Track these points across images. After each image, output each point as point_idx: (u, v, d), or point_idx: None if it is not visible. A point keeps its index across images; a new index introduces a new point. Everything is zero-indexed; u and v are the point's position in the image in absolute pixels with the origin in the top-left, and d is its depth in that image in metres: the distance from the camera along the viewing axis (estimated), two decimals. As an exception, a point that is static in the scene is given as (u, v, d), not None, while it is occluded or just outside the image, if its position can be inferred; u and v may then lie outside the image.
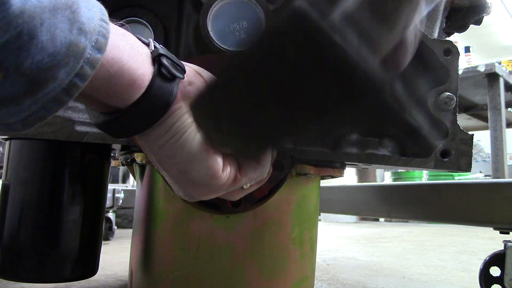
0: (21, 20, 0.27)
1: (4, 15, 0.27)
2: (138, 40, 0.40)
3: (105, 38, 0.33)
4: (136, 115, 0.39)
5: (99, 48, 0.33)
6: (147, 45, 0.41)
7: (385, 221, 4.02)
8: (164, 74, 0.39)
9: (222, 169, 0.43)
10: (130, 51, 0.37)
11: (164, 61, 0.39)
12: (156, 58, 0.39)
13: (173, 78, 0.40)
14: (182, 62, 0.43)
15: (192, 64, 0.46)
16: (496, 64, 2.88)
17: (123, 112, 0.39)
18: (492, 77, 2.88)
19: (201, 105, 0.41)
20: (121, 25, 0.39)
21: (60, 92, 0.32)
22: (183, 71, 0.42)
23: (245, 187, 0.48)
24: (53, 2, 0.29)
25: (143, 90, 0.38)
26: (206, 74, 0.47)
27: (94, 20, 0.32)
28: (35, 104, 0.31)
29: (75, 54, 0.31)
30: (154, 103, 0.39)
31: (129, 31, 0.39)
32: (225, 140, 0.42)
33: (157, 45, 0.41)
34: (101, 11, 0.34)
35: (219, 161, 0.43)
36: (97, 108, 0.40)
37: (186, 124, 0.41)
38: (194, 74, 0.44)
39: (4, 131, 0.33)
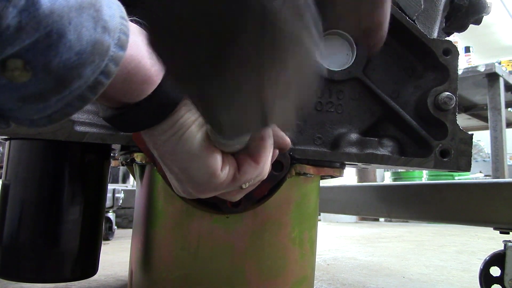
0: (51, 19, 0.28)
1: (34, 14, 0.27)
2: None
3: (126, 35, 0.34)
4: (145, 111, 0.40)
5: (122, 45, 0.33)
6: None
7: (385, 221, 4.02)
8: None
9: (221, 167, 0.43)
10: (146, 48, 0.38)
11: None
12: None
13: None
14: None
15: None
16: (496, 64, 2.88)
17: (132, 107, 0.39)
18: (492, 77, 2.88)
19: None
20: (135, 22, 0.39)
21: (86, 89, 0.32)
22: None
23: (244, 186, 0.48)
24: (79, 1, 0.29)
25: (155, 86, 0.39)
26: None
27: (115, 18, 0.33)
28: (61, 101, 0.32)
29: (100, 52, 0.32)
30: (164, 100, 0.39)
31: (142, 28, 0.40)
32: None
33: None
34: (120, 9, 0.34)
35: (218, 159, 0.43)
36: (106, 102, 0.41)
37: (189, 122, 0.42)
38: None
39: (29, 127, 0.33)
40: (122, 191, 2.18)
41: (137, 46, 0.37)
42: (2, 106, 0.31)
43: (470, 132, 0.71)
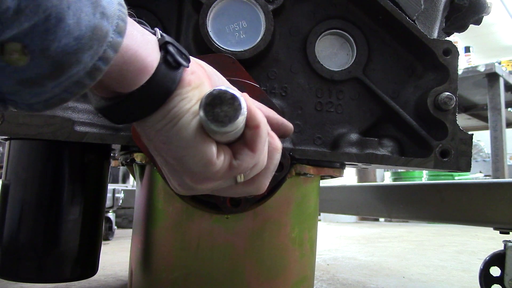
0: (50, 3, 0.28)
1: None
2: (145, 29, 0.41)
3: (124, 22, 0.34)
4: (138, 101, 0.39)
5: (120, 31, 0.33)
6: (154, 34, 0.41)
7: (385, 221, 4.02)
8: (169, 61, 0.40)
9: (216, 155, 0.43)
10: (142, 38, 0.38)
11: (171, 48, 0.40)
12: (163, 46, 0.40)
13: (178, 66, 0.40)
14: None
15: (195, 58, 0.46)
16: (496, 64, 2.88)
17: (125, 97, 0.39)
18: (492, 77, 2.88)
19: None
20: (130, 14, 0.39)
21: (84, 75, 0.32)
22: (187, 59, 0.42)
23: (239, 179, 0.47)
24: None
25: (149, 76, 0.39)
26: (208, 67, 0.48)
27: (113, 4, 0.33)
28: (58, 87, 0.32)
29: (99, 38, 0.31)
30: (156, 90, 0.39)
31: (136, 21, 0.40)
32: None
33: (164, 34, 0.42)
34: None
35: (213, 147, 0.43)
36: (100, 92, 0.41)
37: (183, 111, 0.41)
38: (197, 65, 0.45)
39: (26, 111, 0.33)
40: (122, 191, 2.18)
41: (133, 36, 0.37)
42: (1, 89, 0.31)
43: (470, 132, 0.71)
